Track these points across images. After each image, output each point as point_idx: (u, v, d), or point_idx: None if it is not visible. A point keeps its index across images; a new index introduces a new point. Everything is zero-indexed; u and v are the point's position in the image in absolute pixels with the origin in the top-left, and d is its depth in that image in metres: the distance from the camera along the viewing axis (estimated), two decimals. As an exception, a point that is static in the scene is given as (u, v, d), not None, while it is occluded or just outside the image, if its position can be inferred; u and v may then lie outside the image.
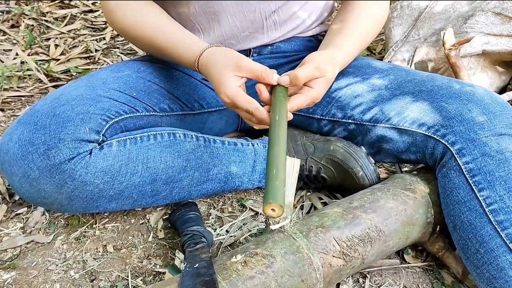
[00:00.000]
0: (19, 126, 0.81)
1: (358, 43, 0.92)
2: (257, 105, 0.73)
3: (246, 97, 0.74)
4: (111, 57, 1.62)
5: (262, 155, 0.99)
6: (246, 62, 0.75)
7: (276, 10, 0.93)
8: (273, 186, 0.58)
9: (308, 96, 0.77)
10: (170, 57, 0.89)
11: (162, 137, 0.87)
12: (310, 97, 0.77)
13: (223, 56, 0.77)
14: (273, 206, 0.57)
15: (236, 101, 0.74)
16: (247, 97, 0.74)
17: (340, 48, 0.88)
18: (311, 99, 0.77)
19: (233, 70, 0.75)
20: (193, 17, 0.93)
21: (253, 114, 0.73)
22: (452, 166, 0.79)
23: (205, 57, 0.80)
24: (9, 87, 1.39)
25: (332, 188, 1.01)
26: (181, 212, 0.91)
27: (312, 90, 0.77)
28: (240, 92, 0.74)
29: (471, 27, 1.22)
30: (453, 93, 0.85)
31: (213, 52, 0.80)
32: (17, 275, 0.83)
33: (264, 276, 0.67)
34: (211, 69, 0.78)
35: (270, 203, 0.57)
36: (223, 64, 0.76)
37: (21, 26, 1.73)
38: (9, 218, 0.95)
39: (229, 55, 0.77)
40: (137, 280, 0.83)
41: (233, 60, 0.76)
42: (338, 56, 0.85)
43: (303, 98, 0.77)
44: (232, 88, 0.74)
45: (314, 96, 0.78)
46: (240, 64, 0.75)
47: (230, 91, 0.74)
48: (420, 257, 0.90)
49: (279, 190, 0.58)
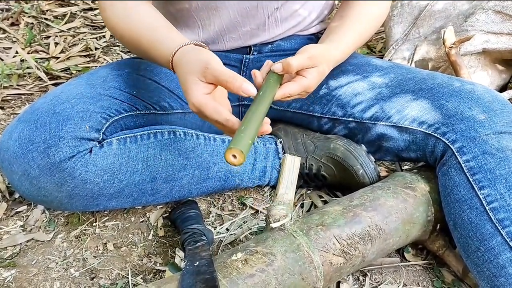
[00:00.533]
0: (19, 124, 0.81)
1: (355, 41, 0.92)
2: (227, 116, 0.64)
3: (215, 107, 0.65)
4: (111, 55, 1.62)
5: (262, 153, 0.98)
6: (212, 66, 0.65)
7: (279, 7, 0.93)
8: (238, 136, 0.59)
9: (300, 84, 0.76)
10: (151, 59, 0.82)
11: (162, 135, 0.87)
12: (302, 86, 0.76)
13: (193, 58, 0.69)
14: (234, 151, 0.57)
15: (203, 111, 0.65)
16: (216, 106, 0.65)
17: (336, 44, 0.88)
18: (303, 87, 0.76)
19: (198, 75, 0.66)
20: (194, 12, 0.93)
21: (223, 125, 0.65)
22: (452, 164, 0.79)
23: (177, 58, 0.72)
24: (9, 85, 1.39)
25: (332, 186, 1.01)
26: (181, 210, 0.91)
27: (304, 79, 0.76)
28: (207, 101, 0.65)
29: (472, 25, 1.22)
30: (453, 91, 0.85)
31: (184, 52, 0.71)
32: (17, 273, 0.83)
33: (265, 274, 0.67)
34: (179, 73, 0.70)
35: (231, 148, 0.57)
36: (190, 68, 0.68)
37: (21, 24, 1.73)
38: (9, 216, 0.95)
39: (199, 57, 0.68)
40: (137, 278, 0.83)
41: (199, 64, 0.66)
42: (333, 51, 0.85)
43: (295, 85, 0.76)
44: (198, 96, 0.65)
45: (306, 85, 0.76)
46: (205, 69, 0.66)
47: (196, 99, 0.65)
48: (421, 256, 0.90)
49: (243, 139, 0.58)
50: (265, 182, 1.01)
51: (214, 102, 0.65)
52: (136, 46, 0.83)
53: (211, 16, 0.93)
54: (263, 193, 1.03)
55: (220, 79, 0.65)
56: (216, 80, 0.65)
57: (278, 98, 0.74)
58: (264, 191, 1.04)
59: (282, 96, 0.74)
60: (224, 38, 0.96)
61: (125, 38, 0.85)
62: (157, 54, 0.77)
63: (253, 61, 1.00)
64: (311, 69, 0.77)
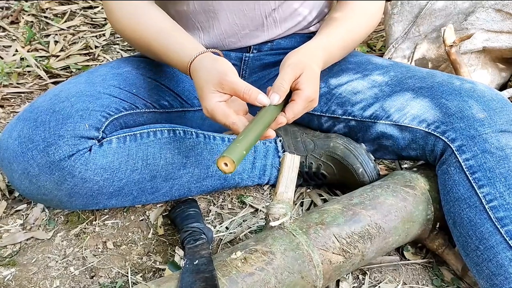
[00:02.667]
0: (19, 123, 0.81)
1: (343, 38, 0.90)
2: (233, 120, 0.71)
3: (224, 112, 0.71)
4: (110, 54, 1.62)
5: (262, 152, 0.98)
6: (229, 78, 0.72)
7: (276, 8, 0.93)
8: (234, 146, 0.63)
9: (300, 97, 0.75)
10: (165, 62, 0.86)
11: (162, 133, 0.87)
12: (302, 98, 0.75)
13: (209, 68, 0.75)
14: (226, 160, 0.61)
15: (214, 116, 0.72)
16: (226, 112, 0.72)
17: (318, 42, 0.86)
18: (305, 99, 0.75)
19: (215, 85, 0.72)
20: (192, 15, 0.93)
21: (230, 128, 0.72)
22: (452, 162, 0.79)
23: (194, 65, 0.78)
24: (8, 83, 1.39)
25: (332, 185, 1.01)
26: (181, 208, 0.91)
27: (301, 91, 0.75)
28: (219, 107, 0.72)
29: (472, 23, 1.22)
30: (453, 89, 0.85)
31: (201, 60, 0.77)
32: (17, 271, 0.83)
33: (264, 272, 0.67)
34: (196, 79, 0.76)
35: (223, 156, 0.61)
36: (206, 78, 0.74)
37: (20, 23, 1.73)
38: (8, 214, 0.96)
39: (215, 67, 0.74)
40: (137, 277, 0.83)
41: (217, 75, 0.73)
42: (316, 51, 0.83)
43: (297, 103, 0.75)
44: (212, 103, 0.72)
45: (306, 95, 0.75)
46: (223, 81, 0.72)
47: (209, 106, 0.72)
48: (420, 254, 0.90)
49: (238, 149, 0.62)
50: (264, 180, 1.01)
51: (224, 108, 0.72)
52: (147, 49, 0.86)
53: (210, 19, 0.92)
54: (263, 191, 1.03)
55: (237, 89, 0.71)
56: (233, 92, 0.72)
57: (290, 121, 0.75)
58: (264, 189, 1.04)
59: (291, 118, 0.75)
60: (223, 42, 0.96)
61: (135, 41, 0.87)
62: (173, 58, 0.82)
63: (252, 59, 1.00)
64: (301, 78, 0.76)
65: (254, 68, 1.02)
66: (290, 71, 0.76)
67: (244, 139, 0.65)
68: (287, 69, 0.76)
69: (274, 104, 0.73)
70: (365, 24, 0.94)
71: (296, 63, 0.77)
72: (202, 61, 0.76)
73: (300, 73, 0.76)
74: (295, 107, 0.75)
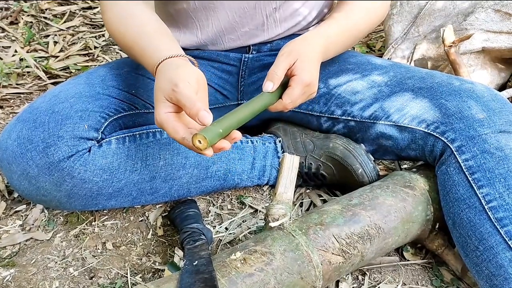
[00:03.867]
0: (18, 124, 0.81)
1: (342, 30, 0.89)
2: (182, 135, 0.65)
3: (174, 126, 0.65)
4: (110, 54, 1.61)
5: (262, 152, 0.98)
6: (177, 89, 0.65)
7: (277, 8, 0.93)
8: (211, 126, 0.64)
9: (296, 82, 0.75)
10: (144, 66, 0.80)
11: (161, 134, 0.87)
12: (299, 83, 0.75)
13: (166, 75, 0.68)
14: (200, 137, 0.62)
15: (164, 128, 0.67)
16: (175, 126, 0.65)
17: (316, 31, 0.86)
18: (301, 84, 0.75)
19: (165, 94, 0.66)
20: (192, 13, 0.93)
21: (180, 144, 0.66)
22: (451, 163, 0.79)
23: (158, 70, 0.72)
24: (8, 84, 1.39)
25: (332, 185, 1.01)
26: (181, 209, 0.91)
27: (296, 76, 0.76)
28: (168, 120, 0.66)
29: (471, 24, 1.22)
30: (452, 90, 0.85)
31: (164, 65, 0.71)
32: (16, 272, 0.83)
33: (263, 273, 0.67)
34: (154, 85, 0.70)
35: (197, 134, 0.62)
36: (160, 85, 0.68)
37: (20, 23, 1.73)
38: (8, 215, 0.95)
39: (170, 75, 0.67)
40: (136, 277, 0.83)
41: (169, 84, 0.66)
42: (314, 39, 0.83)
43: (293, 88, 0.75)
44: (161, 114, 0.66)
45: (303, 80, 0.75)
46: (172, 91, 0.66)
47: (158, 117, 0.67)
48: (420, 254, 0.90)
49: (213, 129, 0.63)
50: (264, 181, 1.01)
51: (174, 122, 0.66)
52: (129, 52, 0.82)
53: (209, 17, 0.92)
54: (262, 192, 1.03)
55: (181, 103, 0.65)
56: (179, 104, 0.66)
57: (289, 108, 0.75)
58: (263, 190, 1.04)
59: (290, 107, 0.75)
60: (223, 39, 0.96)
61: (120, 43, 0.83)
62: (145, 62, 0.77)
63: (252, 60, 1.00)
64: (297, 64, 0.76)
65: (254, 69, 1.02)
66: (284, 58, 0.76)
67: (224, 119, 0.66)
68: (281, 57, 0.77)
69: (269, 91, 0.74)
70: (367, 17, 0.93)
71: (290, 50, 0.78)
72: (165, 66, 0.71)
73: (295, 60, 0.77)
74: (291, 92, 0.75)
